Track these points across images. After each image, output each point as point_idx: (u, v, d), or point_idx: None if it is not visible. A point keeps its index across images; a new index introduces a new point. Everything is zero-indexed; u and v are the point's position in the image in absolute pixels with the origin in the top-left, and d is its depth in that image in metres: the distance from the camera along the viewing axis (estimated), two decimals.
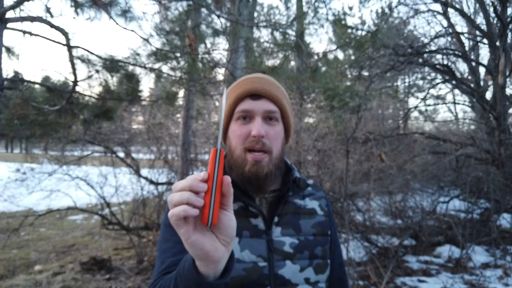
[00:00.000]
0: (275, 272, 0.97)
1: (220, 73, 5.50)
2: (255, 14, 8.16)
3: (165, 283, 0.81)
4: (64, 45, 3.64)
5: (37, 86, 4.18)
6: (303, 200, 1.10)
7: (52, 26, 3.49)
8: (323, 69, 7.39)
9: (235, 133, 1.01)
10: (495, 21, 6.18)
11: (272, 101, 1.02)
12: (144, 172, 6.74)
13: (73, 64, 3.73)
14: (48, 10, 3.54)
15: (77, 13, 3.66)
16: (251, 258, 0.96)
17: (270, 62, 6.15)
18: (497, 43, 5.85)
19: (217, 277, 0.68)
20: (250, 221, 1.01)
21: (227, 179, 0.63)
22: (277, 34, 5.50)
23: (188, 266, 0.69)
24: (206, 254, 0.64)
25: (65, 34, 3.61)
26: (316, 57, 6.10)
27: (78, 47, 3.72)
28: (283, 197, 1.05)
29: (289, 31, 4.96)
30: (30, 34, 3.42)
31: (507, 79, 5.94)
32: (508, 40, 5.95)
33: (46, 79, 4.61)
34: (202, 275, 0.67)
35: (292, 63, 8.10)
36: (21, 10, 3.31)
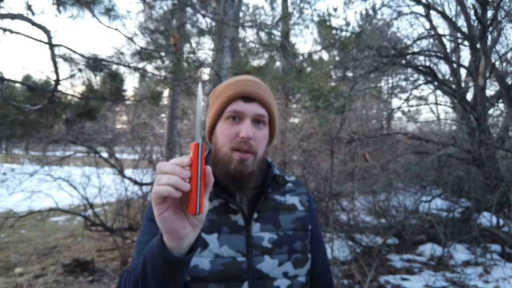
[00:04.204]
0: (253, 267, 1.00)
1: (205, 73, 5.48)
2: (241, 14, 8.15)
3: (135, 264, 0.86)
4: (45, 43, 3.57)
5: (17, 85, 4.08)
6: (284, 196, 1.13)
7: (33, 24, 3.42)
8: (308, 69, 7.42)
9: (223, 132, 1.03)
10: (475, 24, 6.31)
11: (262, 105, 1.04)
12: (128, 172, 6.67)
13: (55, 63, 3.66)
14: (29, 7, 3.47)
15: (59, 11, 3.60)
16: (229, 253, 0.99)
17: (255, 62, 6.14)
18: (478, 45, 5.97)
19: (182, 253, 0.74)
20: (230, 217, 1.03)
21: (208, 168, 0.70)
22: (262, 35, 5.52)
23: (156, 242, 0.76)
24: (173, 229, 0.71)
25: (47, 32, 3.54)
26: (301, 57, 6.14)
27: (60, 45, 3.66)
28: (263, 193, 1.07)
29: (275, 32, 4.99)
30: (11, 32, 3.34)
31: (487, 81, 6.08)
32: (488, 43, 6.09)
33: (27, 78, 4.51)
34: (168, 249, 0.73)
35: (278, 63, 8.12)
36: (1, 7, 3.24)
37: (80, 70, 3.91)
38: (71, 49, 3.73)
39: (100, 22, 3.62)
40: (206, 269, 0.96)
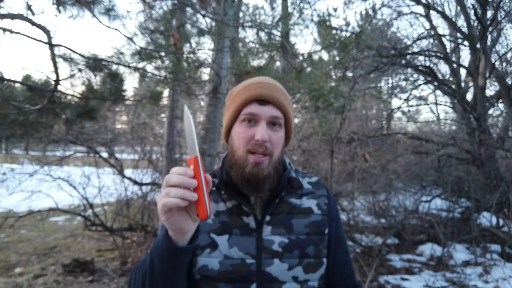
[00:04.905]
0: (262, 269, 1.00)
1: (205, 73, 5.47)
2: (241, 14, 8.13)
3: (142, 260, 0.96)
4: (45, 43, 3.56)
5: (17, 85, 4.08)
6: (300, 199, 1.12)
7: (33, 24, 3.42)
8: (308, 69, 7.40)
9: (239, 134, 1.04)
10: (475, 24, 6.31)
11: (278, 108, 1.05)
12: (128, 172, 6.67)
13: (55, 63, 3.65)
14: (29, 7, 3.46)
15: (59, 11, 3.59)
16: (239, 255, 1.00)
17: (255, 62, 6.12)
18: (478, 45, 5.97)
19: (184, 244, 0.84)
20: (242, 219, 1.04)
21: (209, 177, 0.78)
22: (262, 35, 5.50)
23: (162, 237, 0.85)
24: (179, 228, 0.80)
25: (46, 32, 3.54)
26: (301, 57, 6.12)
27: (60, 45, 3.65)
28: (277, 196, 1.07)
29: (275, 32, 4.97)
30: (11, 32, 3.34)
31: (487, 81, 6.08)
32: (488, 43, 6.09)
33: (27, 77, 4.50)
34: (173, 241, 0.83)
35: (278, 63, 8.10)
36: (1, 7, 3.24)
37: (80, 70, 3.90)
38: (71, 49, 3.72)
39: (100, 22, 3.61)
40: (215, 269, 0.99)
